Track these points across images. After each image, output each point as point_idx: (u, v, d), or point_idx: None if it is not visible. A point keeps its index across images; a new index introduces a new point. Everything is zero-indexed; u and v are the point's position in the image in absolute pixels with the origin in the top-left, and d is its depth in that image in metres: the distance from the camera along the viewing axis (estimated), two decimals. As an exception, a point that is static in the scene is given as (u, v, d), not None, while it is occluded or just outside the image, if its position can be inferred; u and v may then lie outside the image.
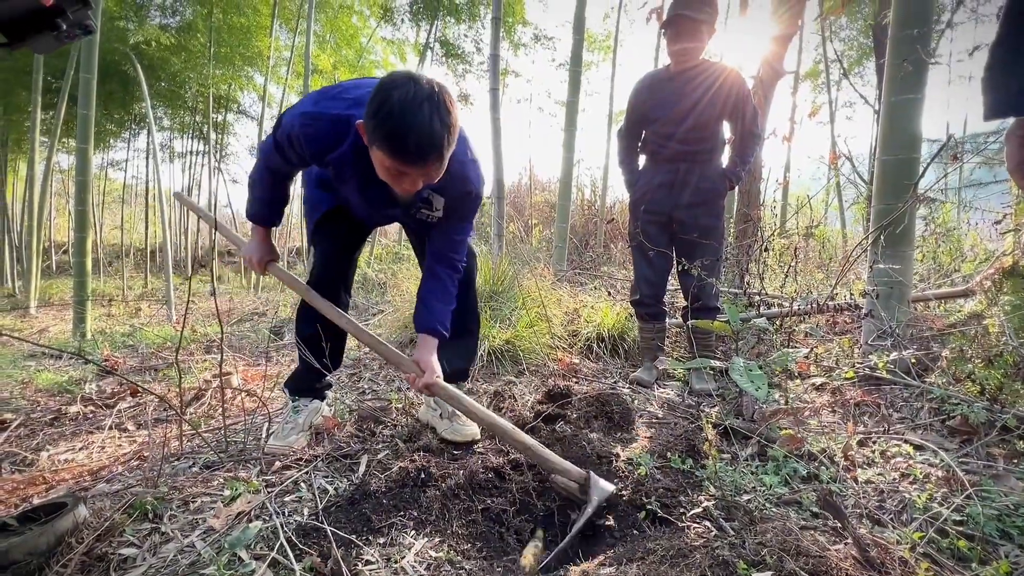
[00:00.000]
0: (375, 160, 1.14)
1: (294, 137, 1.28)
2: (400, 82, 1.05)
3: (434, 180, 1.17)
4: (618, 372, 2.40)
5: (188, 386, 2.23)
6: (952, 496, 1.18)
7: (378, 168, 1.15)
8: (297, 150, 1.30)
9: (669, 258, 2.27)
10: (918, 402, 1.72)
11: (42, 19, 0.65)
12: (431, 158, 1.08)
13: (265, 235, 1.58)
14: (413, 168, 1.10)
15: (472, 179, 1.39)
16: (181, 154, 10.62)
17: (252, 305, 6.39)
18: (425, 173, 1.12)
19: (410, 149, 1.05)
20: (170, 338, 3.63)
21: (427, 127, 1.03)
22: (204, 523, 1.12)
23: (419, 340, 1.45)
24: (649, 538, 1.15)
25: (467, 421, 1.58)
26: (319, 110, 1.26)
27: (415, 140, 1.04)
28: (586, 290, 3.57)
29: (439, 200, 1.40)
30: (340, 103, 1.26)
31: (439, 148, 1.07)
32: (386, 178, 1.16)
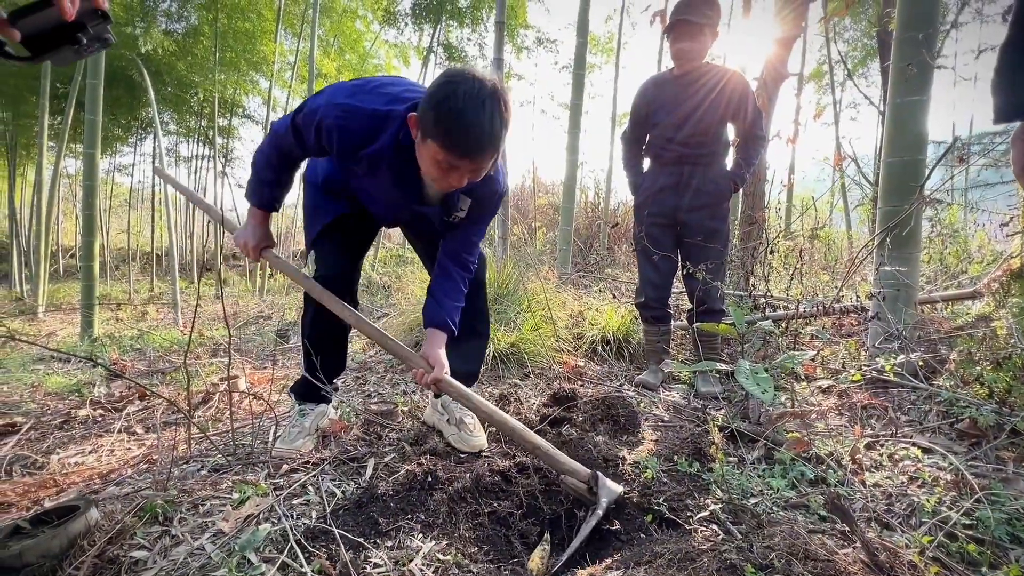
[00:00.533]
0: (426, 154, 1.14)
1: (325, 127, 1.24)
2: (465, 78, 1.07)
3: (479, 177, 1.19)
4: (623, 375, 2.40)
5: (196, 389, 2.25)
6: (961, 500, 1.18)
7: (428, 162, 1.16)
8: (323, 140, 1.26)
9: (674, 261, 2.28)
10: (926, 405, 1.71)
11: (63, 33, 0.66)
12: (486, 153, 1.11)
13: (263, 219, 1.52)
14: (467, 162, 1.11)
15: (499, 180, 1.41)
16: (187, 158, 10.71)
17: (257, 308, 6.42)
18: (475, 168, 1.15)
19: (470, 143, 1.08)
20: (177, 342, 3.65)
21: (488, 124, 1.06)
22: (213, 526, 1.13)
23: (427, 335, 1.44)
24: (656, 541, 1.15)
25: (475, 430, 1.58)
26: (357, 103, 1.23)
27: (476, 135, 1.07)
28: (591, 293, 3.57)
29: (466, 201, 1.40)
30: (379, 98, 1.25)
31: (495, 145, 1.10)
32: (434, 171, 1.16)
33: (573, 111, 4.45)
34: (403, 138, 1.24)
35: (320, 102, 1.26)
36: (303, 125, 1.29)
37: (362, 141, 1.25)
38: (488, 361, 2.34)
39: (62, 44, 0.67)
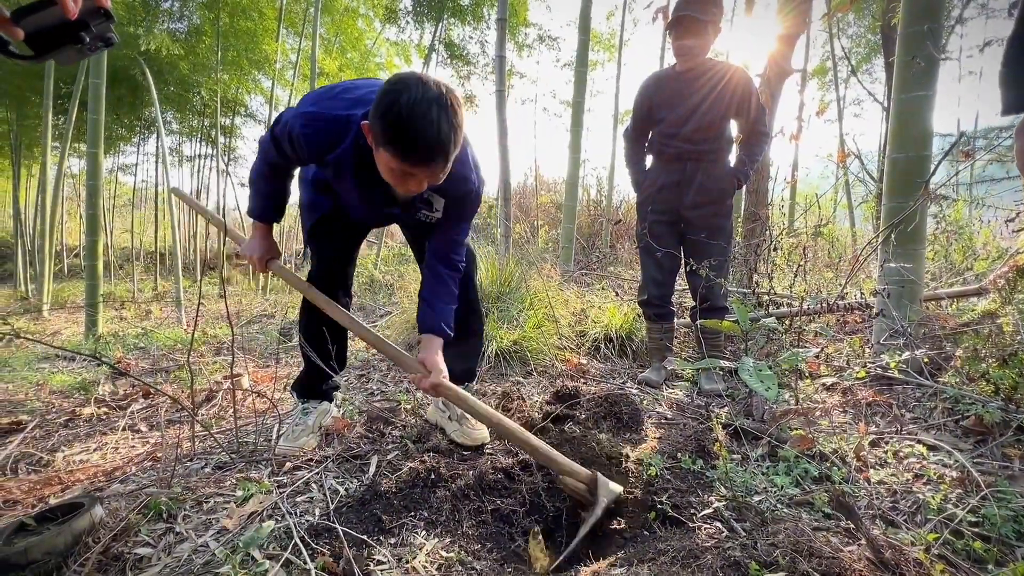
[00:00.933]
0: (380, 161, 1.14)
1: (294, 138, 1.27)
2: (409, 83, 1.04)
3: (439, 181, 1.18)
4: (626, 372, 2.40)
5: (199, 387, 2.25)
6: (967, 497, 1.17)
7: (383, 169, 1.15)
8: (296, 150, 1.30)
9: (677, 258, 2.27)
10: (931, 402, 1.70)
11: (67, 32, 0.66)
12: (438, 160, 1.08)
13: (266, 232, 1.58)
14: (420, 169, 1.10)
15: (472, 180, 1.40)
16: (190, 158, 10.73)
17: (260, 307, 6.44)
18: (431, 174, 1.13)
19: (419, 151, 1.05)
20: (180, 340, 3.66)
21: (435, 130, 1.03)
22: (217, 523, 1.13)
23: (423, 340, 1.45)
24: (660, 539, 1.14)
25: (476, 424, 1.59)
26: (319, 110, 1.26)
27: (424, 143, 1.04)
28: (593, 290, 3.56)
29: (439, 200, 1.40)
30: (340, 103, 1.26)
31: (446, 150, 1.07)
32: (391, 179, 1.16)
33: (575, 109, 4.44)
34: (364, 143, 1.22)
35: (289, 114, 1.31)
36: (279, 136, 1.33)
37: (326, 147, 1.27)
38: (490, 359, 2.34)
39: (65, 43, 0.67)
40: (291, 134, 1.28)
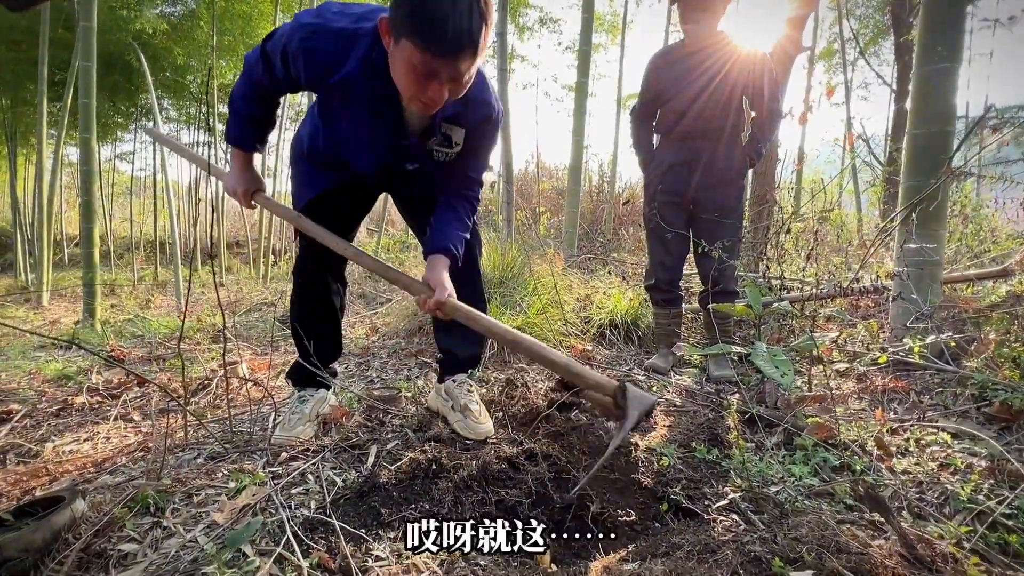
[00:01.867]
0: (400, 60, 1.02)
1: (291, 52, 1.13)
2: None
3: (460, 91, 1.08)
4: (632, 359, 2.33)
5: (195, 376, 2.20)
6: (999, 487, 1.11)
7: (402, 71, 1.03)
8: (293, 68, 1.16)
9: (686, 241, 2.19)
10: (953, 388, 1.63)
11: None
12: (466, 52, 0.98)
13: (247, 162, 1.43)
14: (445, 64, 0.99)
15: (492, 103, 1.28)
16: (188, 145, 10.59)
17: (260, 295, 6.39)
18: (455, 74, 1.02)
19: (447, 37, 0.95)
20: (177, 328, 3.61)
21: (466, 16, 0.94)
22: (208, 517, 1.08)
23: (429, 261, 1.32)
24: (673, 532, 1.09)
25: (480, 416, 1.52)
26: (323, 22, 1.12)
27: (453, 27, 0.94)
28: (597, 276, 3.49)
29: (459, 132, 1.28)
30: (345, 17, 1.13)
31: (475, 42, 0.98)
32: (410, 85, 1.04)
33: (579, 90, 4.33)
34: (376, 57, 1.11)
35: (286, 27, 1.16)
36: (271, 51, 1.18)
37: (330, 64, 1.13)
38: (493, 345, 2.28)
39: None
40: (287, 49, 1.14)
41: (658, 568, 0.93)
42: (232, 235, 12.59)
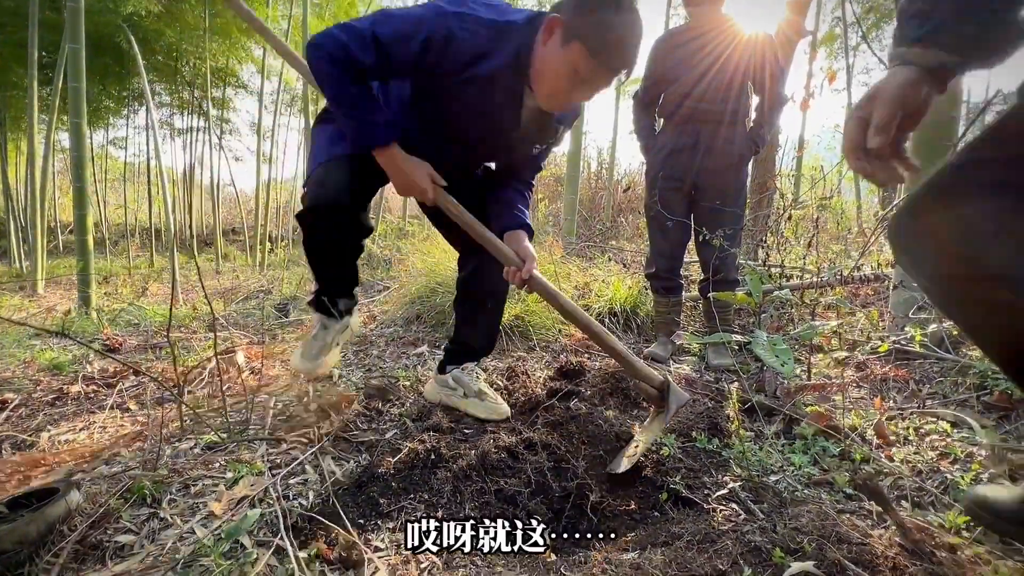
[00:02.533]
0: (563, 61, 1.06)
1: (438, 39, 1.06)
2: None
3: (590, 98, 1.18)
4: (631, 347, 2.32)
5: (190, 364, 2.18)
6: (1000, 477, 1.11)
7: (560, 71, 1.07)
8: (431, 55, 1.08)
9: (687, 229, 2.17)
10: (953, 377, 1.63)
11: None
12: (626, 70, 1.08)
13: (401, 155, 1.21)
14: (608, 77, 1.08)
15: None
16: (181, 131, 10.46)
17: (258, 283, 6.36)
18: (606, 86, 1.11)
19: (623, 55, 1.04)
20: (175, 316, 3.58)
21: (639, 41, 1.05)
22: (205, 507, 1.07)
23: (512, 235, 1.33)
24: (673, 521, 1.08)
25: (497, 399, 1.55)
26: (474, 12, 1.09)
27: (629, 48, 1.04)
28: (596, 264, 3.47)
29: (562, 129, 1.37)
30: (492, 10, 1.13)
31: (635, 64, 1.09)
32: (563, 84, 1.09)
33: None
34: (523, 55, 1.12)
35: (420, 12, 1.10)
36: (398, 39, 1.08)
37: (478, 55, 1.10)
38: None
39: None
40: (433, 36, 1.07)
41: (658, 558, 0.93)
42: (228, 222, 12.52)
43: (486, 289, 1.54)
